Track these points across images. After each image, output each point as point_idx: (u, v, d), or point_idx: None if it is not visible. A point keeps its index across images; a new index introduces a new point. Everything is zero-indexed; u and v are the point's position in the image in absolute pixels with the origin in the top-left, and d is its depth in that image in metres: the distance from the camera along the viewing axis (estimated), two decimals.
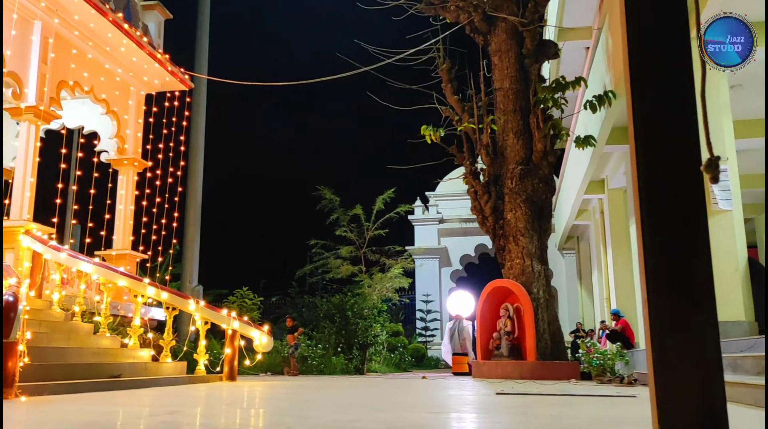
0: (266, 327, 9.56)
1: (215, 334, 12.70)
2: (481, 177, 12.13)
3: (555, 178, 13.95)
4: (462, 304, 17.62)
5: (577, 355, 11.90)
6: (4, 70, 8.83)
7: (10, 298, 5.01)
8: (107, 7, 10.34)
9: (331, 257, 19.06)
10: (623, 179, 13.35)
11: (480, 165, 12.36)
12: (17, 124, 10.79)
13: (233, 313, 9.24)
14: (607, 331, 13.12)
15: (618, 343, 11.50)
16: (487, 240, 24.42)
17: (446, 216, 26.82)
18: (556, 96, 11.37)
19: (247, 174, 33.69)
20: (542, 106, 11.33)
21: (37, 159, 9.42)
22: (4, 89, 10.90)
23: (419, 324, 25.43)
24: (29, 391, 5.22)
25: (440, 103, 12.87)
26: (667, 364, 2.46)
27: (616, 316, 12.64)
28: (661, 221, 2.36)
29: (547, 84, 12.04)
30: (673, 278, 2.33)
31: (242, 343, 9.38)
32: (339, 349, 15.17)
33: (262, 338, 9.23)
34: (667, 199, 2.38)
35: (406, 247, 22.73)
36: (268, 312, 21.55)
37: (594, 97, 10.83)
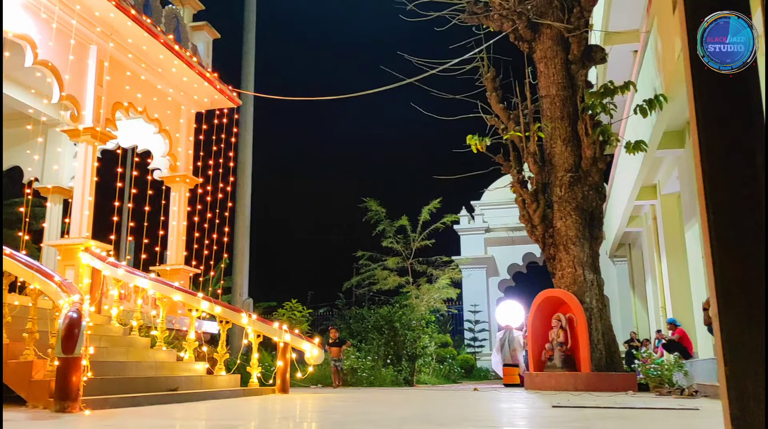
0: (317, 339, 9.63)
1: (267, 346, 12.85)
2: (529, 185, 11.99)
3: (605, 184, 13.69)
4: (511, 313, 17.41)
5: (632, 365, 11.60)
6: (62, 93, 9.18)
7: (75, 315, 5.18)
8: (159, 29, 10.67)
9: (378, 268, 19.09)
10: (676, 184, 13.00)
11: (527, 173, 12.22)
12: (75, 145, 11.21)
13: (284, 326, 9.33)
14: (664, 341, 12.75)
15: (676, 354, 11.16)
16: (535, 249, 24.15)
17: (492, 225, 26.59)
18: (604, 101, 11.17)
19: (293, 186, 34.11)
20: (590, 112, 11.14)
21: (95, 178, 9.74)
22: (63, 112, 11.35)
23: (467, 334, 25.20)
24: (92, 405, 5.38)
25: (485, 112, 12.80)
26: (739, 378, 2.37)
27: (672, 325, 12.28)
28: (729, 232, 2.28)
29: (595, 89, 11.84)
30: (744, 290, 2.25)
31: (294, 355, 9.47)
32: (388, 361, 15.14)
33: (313, 351, 9.30)
34: (735, 208, 2.30)
35: (453, 258, 22.59)
36: (316, 323, 21.70)
37: (644, 101, 10.60)
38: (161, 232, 11.55)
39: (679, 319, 12.49)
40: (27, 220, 9.10)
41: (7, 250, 6.33)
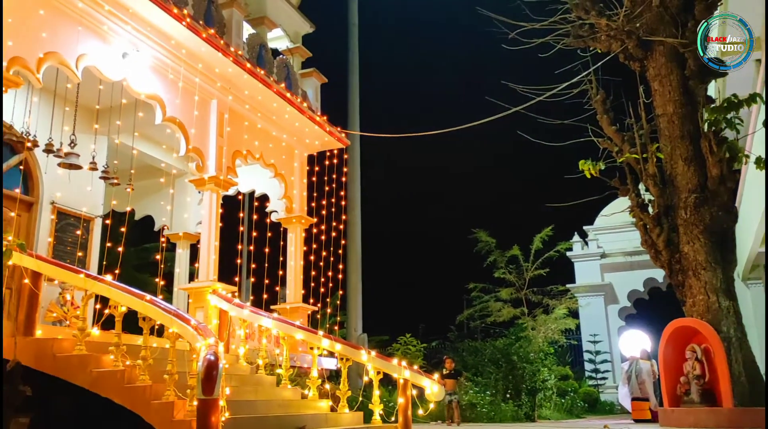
0: (436, 375, 9.53)
1: (384, 382, 12.89)
2: (650, 209, 11.40)
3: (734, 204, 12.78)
4: (636, 343, 16.46)
5: None
6: (189, 146, 9.83)
7: (212, 358, 5.44)
8: (272, 79, 11.25)
9: (491, 300, 18.77)
10: None
11: (647, 196, 11.64)
12: (199, 192, 11.95)
13: (403, 362, 9.32)
14: None
15: None
16: (657, 273, 22.83)
17: (608, 250, 25.48)
18: (728, 116, 10.50)
19: (401, 220, 34.44)
20: (714, 128, 10.50)
21: (219, 224, 10.30)
22: (189, 163, 12.13)
23: (588, 366, 24.08)
24: None
25: (596, 135, 12.39)
26: None
27: None
28: None
29: (717, 104, 11.16)
30: None
31: (413, 392, 9.41)
32: (507, 395, 14.73)
33: (433, 387, 9.18)
34: None
35: (568, 286, 21.82)
36: (429, 357, 21.53)
37: None
38: (280, 272, 11.99)
39: None
40: (162, 266, 9.69)
41: (147, 296, 6.79)
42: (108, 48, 8.54)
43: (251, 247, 11.23)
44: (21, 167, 8.97)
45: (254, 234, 11.55)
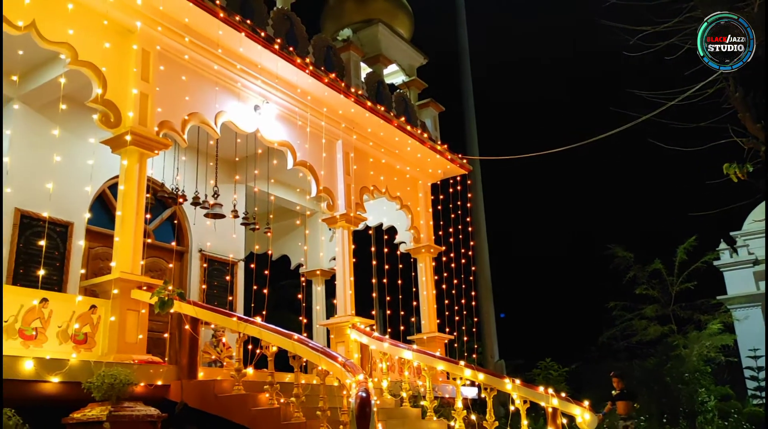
0: (586, 402, 9.10)
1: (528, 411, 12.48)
2: None
3: None
4: None
5: None
6: (320, 187, 10.23)
7: (364, 395, 5.54)
8: (392, 114, 11.51)
9: (634, 319, 17.75)
10: None
11: None
12: (329, 230, 12.38)
13: (550, 390, 9.00)
14: None
15: None
16: None
17: (761, 256, 23.35)
18: None
19: (527, 243, 33.62)
20: None
21: (353, 259, 10.58)
22: (320, 203, 12.62)
23: (750, 384, 21.98)
24: None
25: (737, 135, 11.50)
26: None
27: None
28: None
29: None
30: None
31: (563, 420, 9.04)
32: (664, 420, 13.77)
33: (584, 415, 8.78)
34: None
35: (718, 297, 20.21)
36: (570, 382, 20.63)
37: None
38: (414, 303, 12.08)
39: None
40: (303, 304, 10.07)
41: (295, 335, 7.06)
42: (241, 103, 9.14)
43: (384, 280, 11.42)
44: (175, 221, 9.73)
45: (386, 267, 11.75)
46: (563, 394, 9.24)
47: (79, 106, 7.94)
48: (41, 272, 7.53)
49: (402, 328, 11.81)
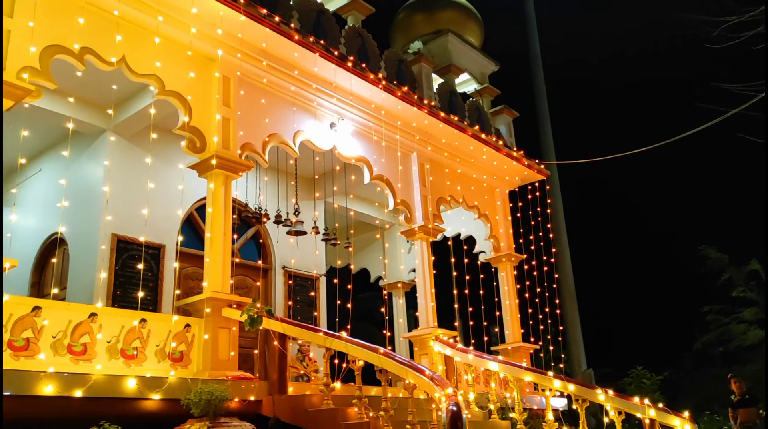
0: (686, 413, 8.68)
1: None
2: None
3: None
4: None
5: None
6: (397, 200, 10.28)
7: (455, 408, 5.49)
8: (465, 123, 11.45)
9: (731, 323, 16.81)
10: None
11: None
12: (408, 242, 12.39)
13: (646, 400, 8.64)
14: None
15: None
16: None
17: None
18: None
19: (611, 247, 32.44)
20: None
21: (433, 271, 10.54)
22: (398, 216, 12.69)
23: None
24: None
25: None
26: None
27: None
28: None
29: None
30: None
31: None
32: None
33: (684, 426, 8.38)
34: None
35: None
36: (662, 391, 19.73)
37: None
38: (497, 313, 11.90)
39: None
40: (387, 317, 10.12)
41: (381, 349, 7.08)
42: (318, 122, 9.33)
43: (465, 291, 11.32)
44: (261, 240, 10.01)
45: (466, 277, 11.66)
46: (660, 405, 8.85)
47: (166, 134, 8.31)
48: (140, 294, 7.90)
49: (485, 338, 11.66)
